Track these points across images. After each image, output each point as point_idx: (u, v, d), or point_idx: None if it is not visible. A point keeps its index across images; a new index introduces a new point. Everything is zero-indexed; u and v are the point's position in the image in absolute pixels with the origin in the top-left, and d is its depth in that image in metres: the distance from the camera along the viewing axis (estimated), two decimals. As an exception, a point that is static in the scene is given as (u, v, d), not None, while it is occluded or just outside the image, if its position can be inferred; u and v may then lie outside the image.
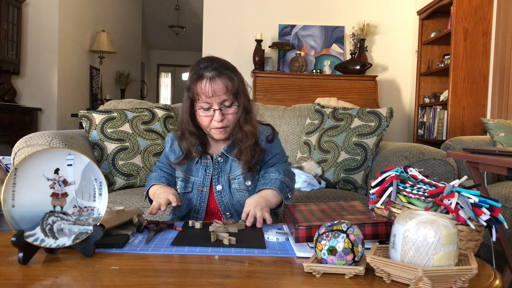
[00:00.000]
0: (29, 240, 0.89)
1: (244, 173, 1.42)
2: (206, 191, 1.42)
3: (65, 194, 0.96)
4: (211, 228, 1.15)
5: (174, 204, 1.30)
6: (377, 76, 4.54)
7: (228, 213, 1.42)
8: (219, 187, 1.42)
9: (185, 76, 12.49)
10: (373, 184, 1.13)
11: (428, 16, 4.15)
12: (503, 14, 3.39)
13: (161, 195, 1.33)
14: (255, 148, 1.39)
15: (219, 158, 1.42)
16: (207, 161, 1.43)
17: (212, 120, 1.34)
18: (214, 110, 1.32)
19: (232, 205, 1.41)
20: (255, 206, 1.26)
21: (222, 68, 1.33)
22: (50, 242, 0.92)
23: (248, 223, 1.21)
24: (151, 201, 1.44)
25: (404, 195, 1.05)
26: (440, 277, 0.78)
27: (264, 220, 1.25)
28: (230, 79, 1.33)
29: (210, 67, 1.32)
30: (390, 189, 1.06)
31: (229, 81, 1.32)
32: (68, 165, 0.96)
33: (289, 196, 1.41)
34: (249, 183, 1.42)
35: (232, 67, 1.37)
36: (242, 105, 1.35)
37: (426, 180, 1.07)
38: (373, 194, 1.11)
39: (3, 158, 3.11)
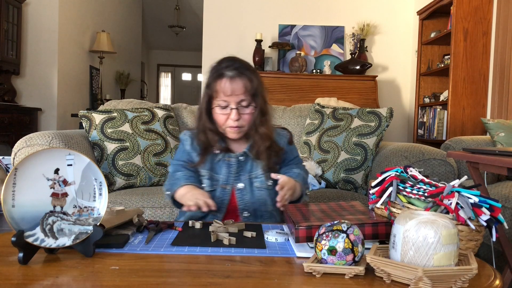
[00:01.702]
0: (29, 240, 0.89)
1: (265, 172, 1.43)
2: (229, 189, 1.43)
3: (65, 194, 0.96)
4: (211, 228, 1.15)
5: (214, 208, 1.27)
6: (377, 76, 4.53)
7: (245, 213, 1.42)
8: (240, 185, 1.43)
9: (185, 76, 12.49)
10: (373, 184, 1.13)
11: (428, 16, 4.15)
12: (503, 14, 3.39)
13: (199, 196, 1.30)
14: (272, 149, 1.42)
15: (241, 158, 1.43)
16: (230, 159, 1.43)
17: (228, 118, 1.36)
18: (231, 109, 1.34)
19: (252, 203, 1.42)
20: (289, 188, 1.31)
21: (243, 69, 1.36)
22: (50, 242, 0.92)
23: (279, 205, 1.29)
24: (175, 201, 1.40)
25: (404, 195, 1.05)
26: (440, 277, 0.78)
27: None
28: (249, 80, 1.35)
29: (231, 66, 1.35)
30: (390, 189, 1.06)
31: (248, 82, 1.35)
32: (68, 165, 0.96)
33: (307, 193, 1.47)
34: (270, 182, 1.43)
35: (253, 69, 1.40)
36: (259, 107, 1.38)
37: (426, 180, 1.07)
38: (373, 194, 1.11)
39: (3, 158, 3.11)
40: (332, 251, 0.85)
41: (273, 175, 1.34)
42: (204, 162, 1.43)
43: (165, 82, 12.23)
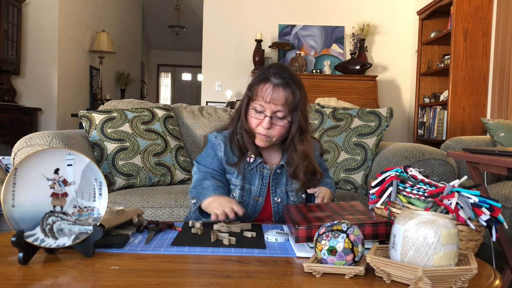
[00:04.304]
0: (29, 240, 0.89)
1: (301, 186, 1.42)
2: (262, 201, 1.40)
3: (65, 194, 0.96)
4: (215, 227, 1.16)
5: (240, 214, 1.22)
6: (377, 76, 4.54)
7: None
8: (277, 199, 1.40)
9: (185, 76, 12.50)
10: (373, 184, 1.13)
11: (428, 16, 4.15)
12: (503, 14, 3.39)
13: (225, 203, 1.24)
14: (313, 174, 1.40)
15: (278, 170, 1.40)
16: (264, 171, 1.39)
17: (259, 124, 1.33)
18: (265, 116, 1.31)
19: None
20: (328, 198, 1.39)
21: (289, 80, 1.32)
22: (50, 242, 0.92)
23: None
24: (200, 211, 1.34)
25: (404, 195, 1.05)
26: (440, 277, 0.78)
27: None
28: (292, 93, 1.31)
29: (278, 74, 1.31)
30: (390, 189, 1.06)
31: (290, 95, 1.31)
32: (68, 165, 0.96)
33: (334, 201, 1.48)
34: (304, 196, 1.44)
35: (300, 83, 1.35)
36: (298, 123, 1.34)
37: (426, 180, 1.07)
38: (373, 194, 1.11)
39: (3, 158, 3.11)
40: (332, 251, 0.85)
41: (310, 191, 1.38)
42: (240, 165, 1.37)
43: (165, 82, 12.24)
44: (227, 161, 1.39)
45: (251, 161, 1.39)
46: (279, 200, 1.40)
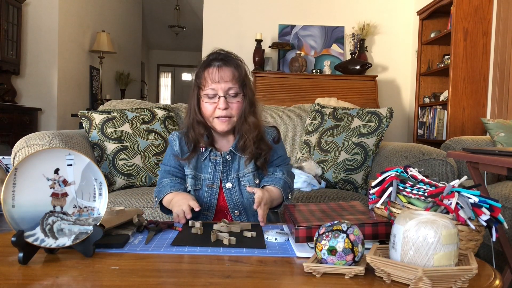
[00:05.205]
0: (29, 240, 0.89)
1: (253, 172, 1.43)
2: (217, 188, 1.42)
3: (65, 194, 0.96)
4: (215, 227, 1.16)
5: (196, 209, 1.26)
6: (377, 76, 4.53)
7: (236, 211, 1.42)
8: (228, 185, 1.42)
9: (185, 76, 12.50)
10: (373, 184, 1.13)
11: (428, 16, 4.15)
12: (503, 14, 3.39)
13: (181, 202, 1.29)
14: (262, 145, 1.41)
15: (227, 156, 1.42)
16: (216, 158, 1.42)
17: (216, 108, 1.35)
18: (219, 97, 1.34)
19: (241, 203, 1.42)
20: (265, 203, 1.27)
21: (229, 58, 1.39)
22: (50, 242, 0.92)
23: (263, 224, 1.25)
24: (163, 208, 1.42)
25: (404, 195, 1.05)
26: (440, 277, 0.78)
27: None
28: (236, 67, 1.37)
29: (218, 56, 1.38)
30: (390, 189, 1.06)
31: (235, 69, 1.37)
32: (68, 165, 0.96)
33: (289, 197, 1.44)
34: (257, 181, 1.43)
35: (239, 59, 1.42)
36: (248, 97, 1.38)
37: (426, 180, 1.07)
38: (373, 194, 1.11)
39: (3, 158, 3.11)
40: (332, 251, 0.85)
41: (249, 189, 1.32)
42: (192, 159, 1.42)
43: (165, 82, 12.24)
44: (181, 155, 1.44)
45: (203, 150, 1.43)
46: (230, 185, 1.42)
